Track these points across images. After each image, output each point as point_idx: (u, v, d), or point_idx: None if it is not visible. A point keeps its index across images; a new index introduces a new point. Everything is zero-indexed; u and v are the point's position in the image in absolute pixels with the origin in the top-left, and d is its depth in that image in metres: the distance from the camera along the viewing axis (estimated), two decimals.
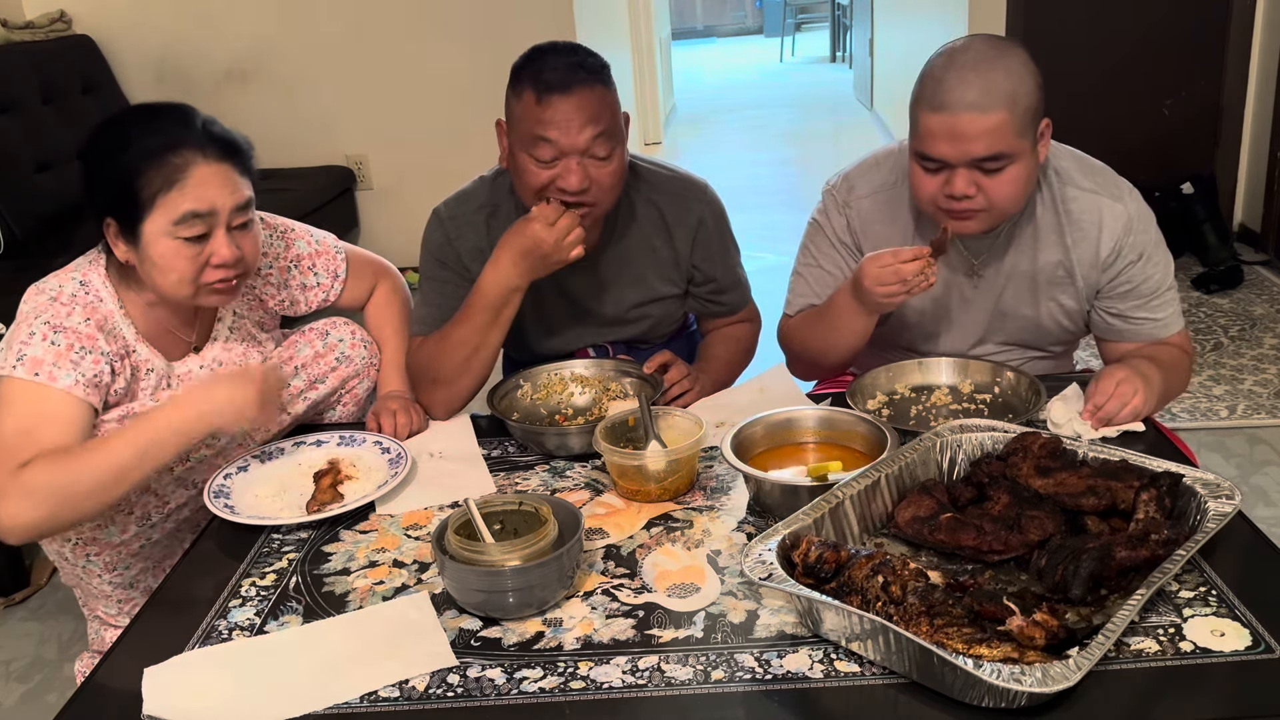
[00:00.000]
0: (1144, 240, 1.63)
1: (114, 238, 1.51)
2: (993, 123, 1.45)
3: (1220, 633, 1.07)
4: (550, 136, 1.58)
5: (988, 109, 1.45)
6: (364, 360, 1.83)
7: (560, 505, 1.28)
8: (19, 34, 3.92)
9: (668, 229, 1.81)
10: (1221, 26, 4.10)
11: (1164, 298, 1.66)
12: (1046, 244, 1.65)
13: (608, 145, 1.61)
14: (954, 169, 1.49)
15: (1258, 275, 3.95)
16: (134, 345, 1.57)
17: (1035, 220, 1.64)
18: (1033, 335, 1.74)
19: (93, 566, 1.64)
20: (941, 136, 1.48)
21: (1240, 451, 2.75)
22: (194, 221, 1.48)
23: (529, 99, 1.60)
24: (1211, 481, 1.23)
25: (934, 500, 1.26)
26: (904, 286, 1.52)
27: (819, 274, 1.77)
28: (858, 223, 1.72)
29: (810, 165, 6.24)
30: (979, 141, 1.46)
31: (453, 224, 1.80)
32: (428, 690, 1.09)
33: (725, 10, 13.37)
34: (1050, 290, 1.68)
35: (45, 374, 1.45)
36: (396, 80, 4.22)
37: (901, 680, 1.04)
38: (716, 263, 1.86)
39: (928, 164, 1.52)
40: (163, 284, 1.51)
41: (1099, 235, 1.62)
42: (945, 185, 1.51)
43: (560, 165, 1.60)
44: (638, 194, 1.80)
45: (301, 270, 1.81)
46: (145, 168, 1.46)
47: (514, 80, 1.65)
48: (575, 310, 1.86)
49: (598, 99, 1.60)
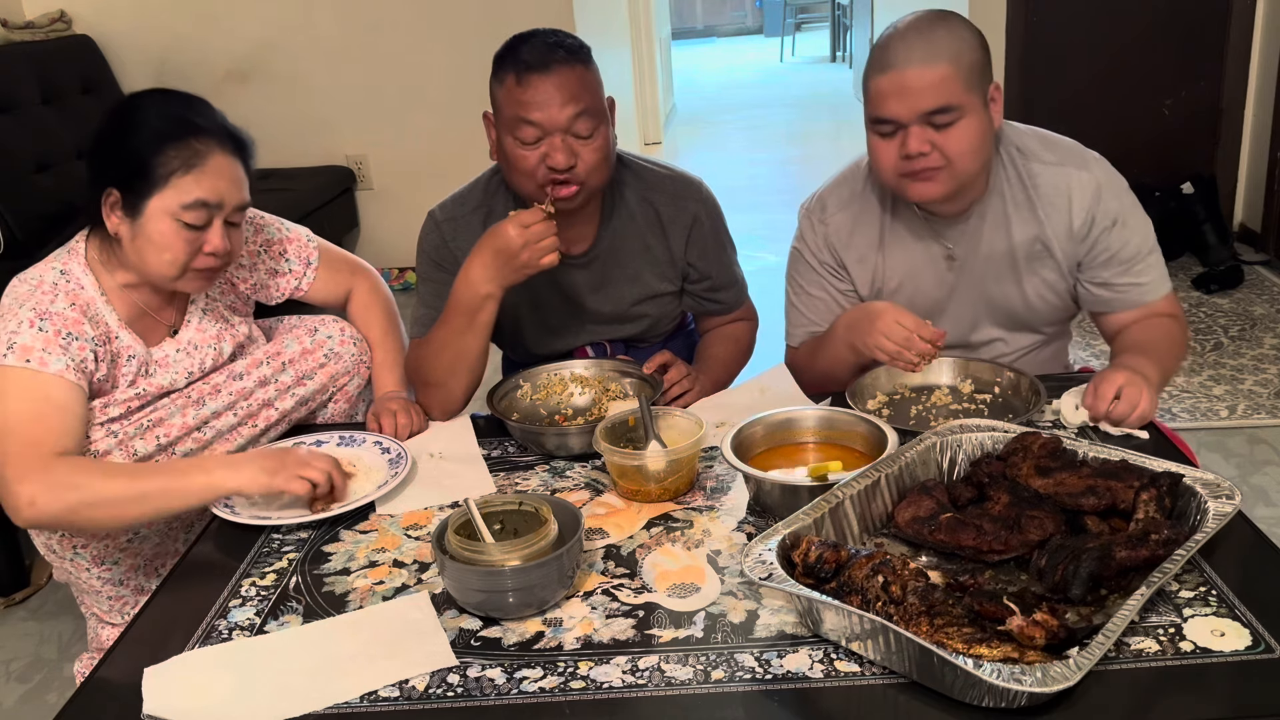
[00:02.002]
0: (1116, 206, 1.65)
1: (111, 207, 1.53)
2: (938, 75, 1.50)
3: (1220, 633, 1.07)
4: (532, 117, 1.60)
5: (932, 62, 1.50)
6: (353, 357, 1.84)
7: (560, 505, 1.28)
8: (19, 34, 3.93)
9: (663, 227, 1.82)
10: (1221, 26, 4.10)
11: (1147, 262, 1.67)
12: (1019, 221, 1.67)
13: (590, 123, 1.63)
14: (907, 129, 1.53)
15: (1258, 275, 3.95)
16: (116, 331, 1.59)
17: (1004, 198, 1.67)
18: (1025, 315, 1.75)
19: (80, 560, 1.64)
20: (891, 95, 1.53)
21: (1240, 451, 2.75)
22: (200, 209, 1.51)
23: (509, 82, 1.62)
24: (1211, 481, 1.23)
25: (934, 500, 1.26)
26: (900, 352, 1.55)
27: (809, 301, 1.81)
28: (834, 237, 1.76)
29: (810, 165, 6.23)
30: (926, 94, 1.50)
31: (449, 225, 1.80)
32: (428, 690, 1.09)
33: (725, 10, 13.37)
34: (1031, 266, 1.69)
35: (36, 360, 1.47)
36: (396, 80, 4.22)
37: (901, 680, 1.04)
38: (711, 260, 1.87)
39: (883, 128, 1.56)
40: (153, 262, 1.53)
41: (1069, 206, 1.64)
42: (901, 148, 1.55)
43: (545, 144, 1.62)
44: (633, 192, 1.81)
45: (272, 255, 1.83)
46: (166, 146, 1.50)
47: (495, 68, 1.67)
48: (572, 309, 1.86)
49: (577, 78, 1.62)
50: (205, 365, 1.69)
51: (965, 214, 1.67)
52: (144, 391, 1.61)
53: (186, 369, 1.67)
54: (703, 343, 1.95)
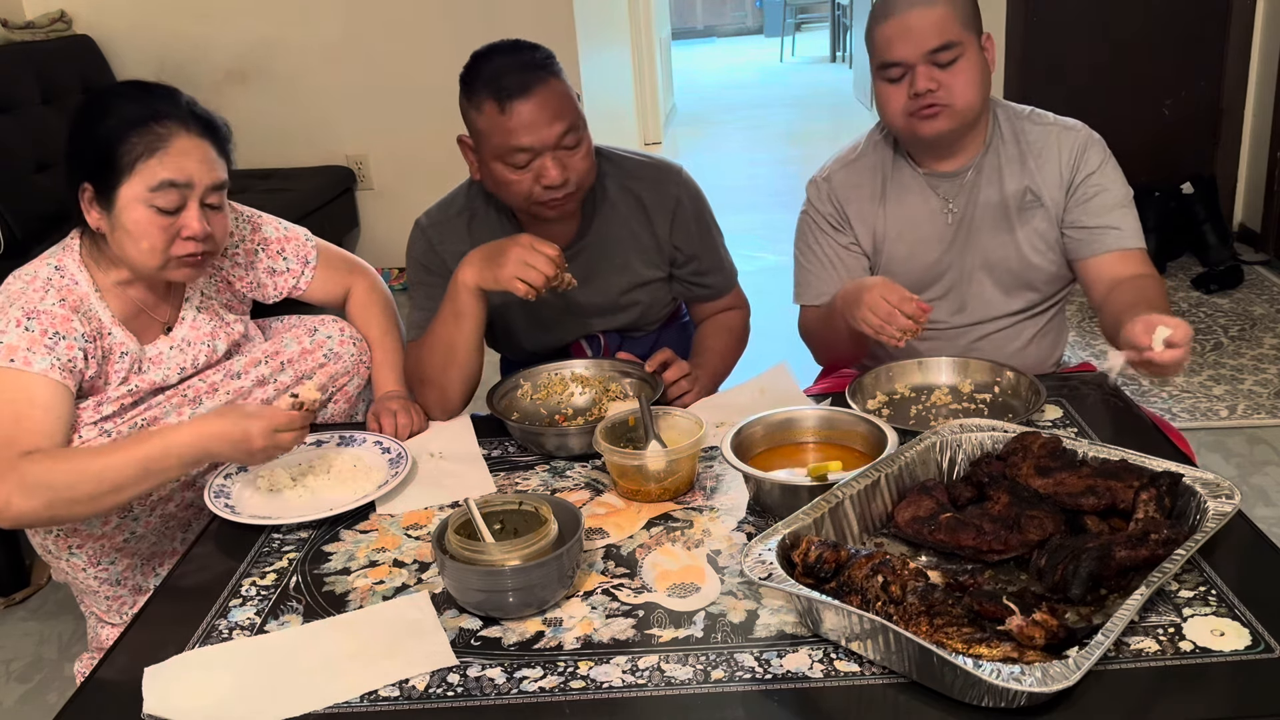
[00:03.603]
0: (1098, 159, 1.76)
1: (88, 203, 1.54)
2: (938, 14, 1.64)
3: (1220, 632, 1.07)
4: (523, 144, 1.62)
5: (931, 3, 1.64)
6: (353, 357, 1.84)
7: (560, 505, 1.28)
8: (19, 34, 3.92)
9: (646, 212, 1.84)
10: (1221, 26, 4.10)
11: (1121, 211, 1.75)
12: (1010, 173, 1.77)
13: (575, 134, 1.66)
14: (914, 69, 1.65)
15: (1258, 275, 3.95)
16: (109, 328, 1.58)
17: (998, 154, 1.78)
18: (1021, 270, 1.80)
19: (77, 560, 1.64)
20: (896, 38, 1.65)
21: (1240, 451, 2.75)
22: (170, 190, 1.51)
23: (490, 110, 1.63)
24: (1211, 481, 1.23)
25: (934, 500, 1.26)
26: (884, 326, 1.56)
27: (815, 259, 1.87)
28: (837, 191, 1.85)
29: (810, 165, 6.13)
30: (930, 33, 1.63)
31: (434, 230, 1.82)
32: (428, 690, 1.09)
33: (725, 10, 13.36)
34: (1023, 217, 1.77)
35: (20, 359, 1.47)
36: (396, 80, 4.21)
37: (901, 680, 1.04)
38: (696, 242, 1.88)
39: (891, 72, 1.68)
40: (133, 253, 1.53)
41: (1059, 155, 1.76)
42: (910, 88, 1.66)
43: (536, 165, 1.64)
44: (613, 182, 1.83)
45: (269, 254, 1.83)
46: (129, 133, 1.50)
47: (467, 91, 1.68)
48: (564, 302, 1.86)
49: (556, 94, 1.64)
50: (198, 362, 1.69)
51: (962, 170, 1.77)
52: (136, 389, 1.61)
53: (179, 365, 1.67)
54: (698, 335, 1.96)
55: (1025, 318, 1.83)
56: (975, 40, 1.67)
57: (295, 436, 1.45)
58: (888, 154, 1.83)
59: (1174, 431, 1.61)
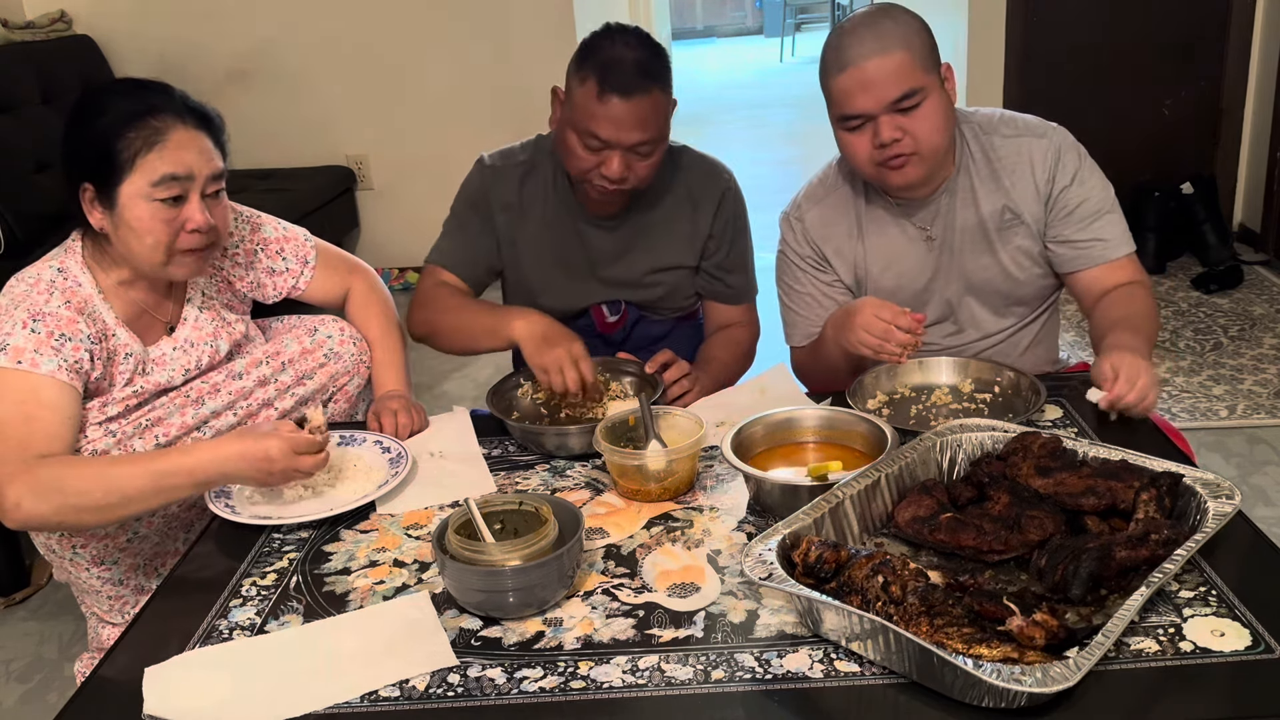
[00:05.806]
0: (1074, 165, 1.71)
1: (90, 203, 1.54)
2: (896, 62, 1.56)
3: (1220, 633, 1.07)
4: (602, 134, 1.68)
5: (887, 51, 1.56)
6: (353, 357, 1.84)
7: (560, 505, 1.28)
8: (19, 34, 3.92)
9: (693, 203, 1.91)
10: (1221, 26, 4.10)
11: (1106, 219, 1.72)
12: (985, 193, 1.72)
13: (652, 145, 1.73)
14: (876, 119, 1.58)
15: (1258, 275, 3.95)
16: (113, 329, 1.59)
17: (969, 174, 1.73)
18: (1007, 288, 1.78)
19: (79, 559, 1.64)
20: (856, 90, 1.58)
21: (1240, 451, 2.75)
22: (171, 184, 1.51)
23: (590, 88, 1.67)
24: (1211, 481, 1.23)
25: (934, 500, 1.26)
26: (882, 344, 1.57)
27: (800, 299, 1.87)
28: (812, 230, 1.82)
29: (810, 165, 6.14)
30: (889, 83, 1.56)
31: (492, 173, 1.90)
32: (428, 690, 1.09)
33: (725, 10, 13.35)
34: (1004, 236, 1.74)
35: (28, 361, 1.47)
36: (396, 80, 4.22)
37: (901, 680, 1.04)
38: (728, 238, 1.95)
39: (852, 123, 1.61)
40: (138, 249, 1.54)
41: (1032, 171, 1.71)
42: (874, 139, 1.60)
43: (605, 154, 1.71)
44: (666, 168, 1.86)
45: (269, 254, 1.83)
46: (126, 130, 1.50)
47: (581, 59, 1.72)
48: (590, 264, 1.93)
49: (652, 106, 1.69)
50: (202, 363, 1.69)
51: (935, 194, 1.73)
52: (141, 390, 1.61)
53: (183, 366, 1.67)
54: (705, 345, 1.98)
55: (1019, 329, 1.83)
56: (936, 78, 1.60)
57: (315, 461, 1.45)
58: (858, 185, 1.79)
59: (1174, 431, 1.61)
